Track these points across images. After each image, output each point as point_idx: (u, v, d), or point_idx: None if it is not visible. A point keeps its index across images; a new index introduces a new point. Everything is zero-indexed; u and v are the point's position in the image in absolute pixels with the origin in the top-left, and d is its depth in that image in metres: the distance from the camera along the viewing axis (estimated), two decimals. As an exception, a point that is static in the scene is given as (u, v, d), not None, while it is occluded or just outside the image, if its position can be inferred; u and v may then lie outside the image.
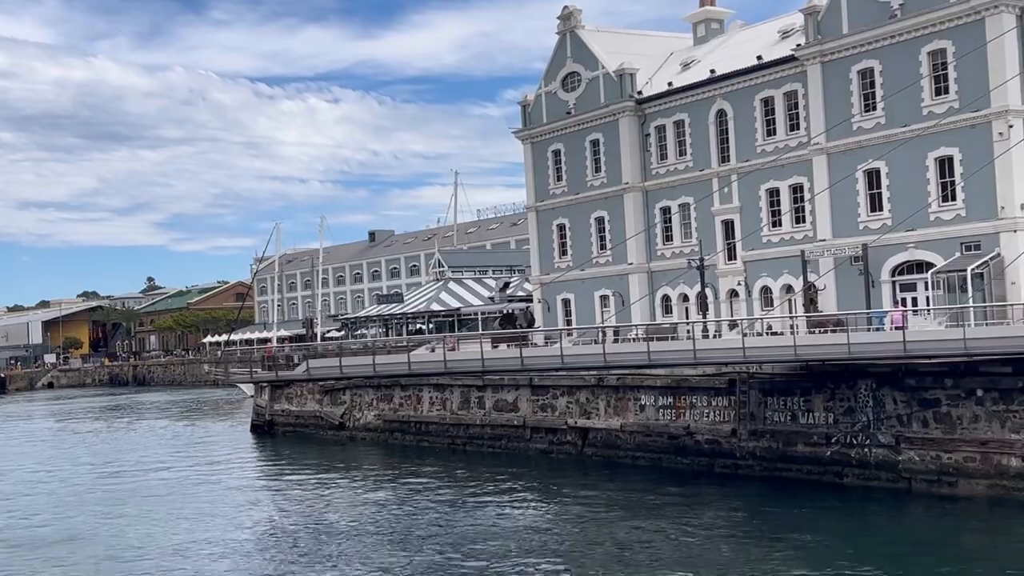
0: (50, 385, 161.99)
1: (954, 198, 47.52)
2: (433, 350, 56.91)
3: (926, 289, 47.92)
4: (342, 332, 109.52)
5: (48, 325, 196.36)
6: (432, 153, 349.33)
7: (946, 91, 47.53)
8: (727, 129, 58.20)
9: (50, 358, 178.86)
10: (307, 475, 50.87)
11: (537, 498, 40.67)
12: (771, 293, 55.85)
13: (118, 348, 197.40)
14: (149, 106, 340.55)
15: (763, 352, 39.94)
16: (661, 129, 61.80)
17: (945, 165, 47.79)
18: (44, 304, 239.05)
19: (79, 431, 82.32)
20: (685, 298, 60.50)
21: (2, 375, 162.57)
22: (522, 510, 38.50)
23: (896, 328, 38.85)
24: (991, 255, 45.56)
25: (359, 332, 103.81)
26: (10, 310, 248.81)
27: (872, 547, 30.14)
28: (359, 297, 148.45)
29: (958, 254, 46.82)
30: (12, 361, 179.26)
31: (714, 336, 52.09)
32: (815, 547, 30.70)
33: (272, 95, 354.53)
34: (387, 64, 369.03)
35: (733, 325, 52.39)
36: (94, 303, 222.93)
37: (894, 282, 49.85)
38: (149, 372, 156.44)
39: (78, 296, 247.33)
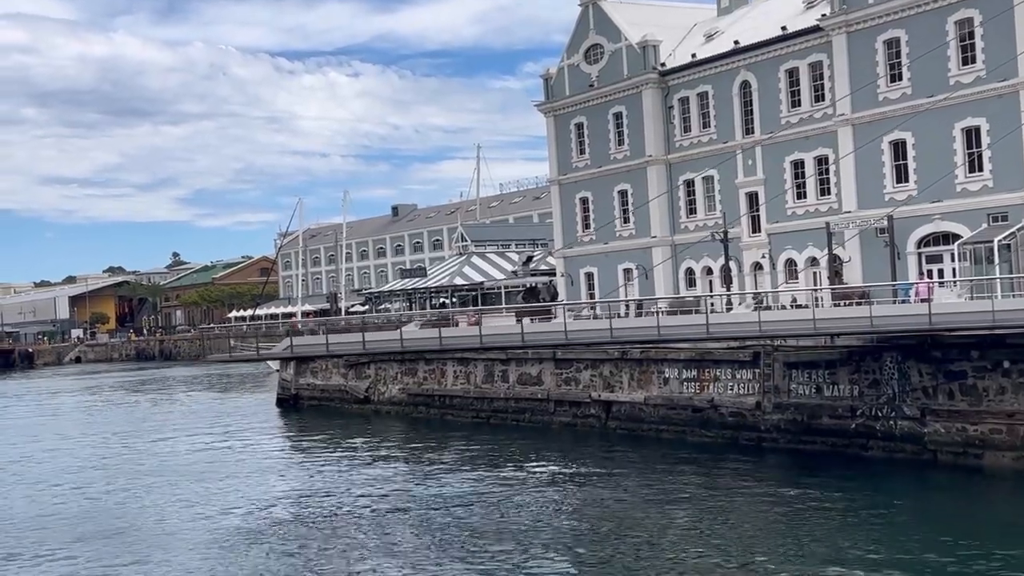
0: (77, 360, 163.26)
1: (981, 168, 47.11)
2: (453, 322, 56.91)
3: (952, 261, 47.58)
4: (366, 307, 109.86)
5: (75, 300, 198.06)
6: (453, 127, 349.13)
7: (973, 60, 47.03)
8: (751, 101, 57.83)
9: (77, 333, 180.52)
10: (332, 448, 51.23)
11: (561, 471, 40.79)
12: (795, 266, 55.63)
13: (144, 323, 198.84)
14: (170, 81, 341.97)
15: (780, 326, 39.67)
16: (685, 101, 61.48)
17: (972, 135, 47.35)
18: (71, 279, 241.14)
19: (108, 405, 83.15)
20: (709, 271, 60.35)
21: (30, 350, 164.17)
22: (546, 483, 38.63)
23: (921, 300, 38.62)
24: (1018, 226, 45.07)
25: (383, 306, 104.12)
26: (37, 285, 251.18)
27: (897, 518, 30.13)
28: (383, 272, 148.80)
29: (985, 225, 46.43)
30: (40, 336, 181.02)
31: (739, 307, 51.91)
32: (839, 518, 30.72)
33: (292, 69, 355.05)
34: (406, 38, 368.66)
35: (757, 298, 52.18)
36: (120, 278, 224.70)
37: (920, 254, 49.55)
38: (175, 347, 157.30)
39: (104, 271, 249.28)
